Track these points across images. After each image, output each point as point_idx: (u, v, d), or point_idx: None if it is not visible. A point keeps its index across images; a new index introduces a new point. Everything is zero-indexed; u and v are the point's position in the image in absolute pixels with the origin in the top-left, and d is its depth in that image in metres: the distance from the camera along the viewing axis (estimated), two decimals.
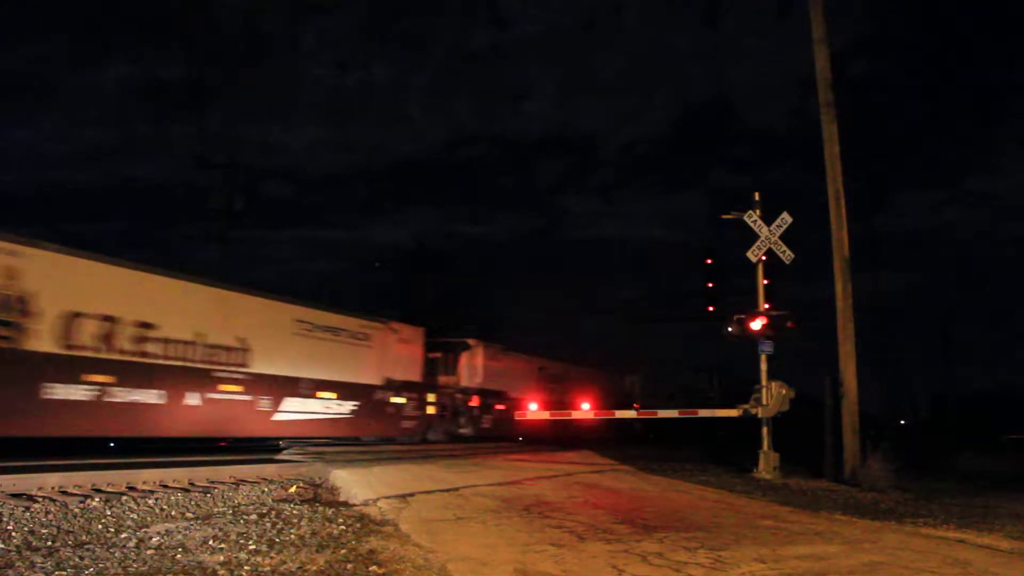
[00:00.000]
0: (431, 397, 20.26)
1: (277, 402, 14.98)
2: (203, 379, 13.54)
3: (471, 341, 22.89)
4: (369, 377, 17.67)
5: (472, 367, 22.75)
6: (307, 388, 15.65)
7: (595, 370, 30.99)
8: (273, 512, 6.97)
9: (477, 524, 6.84)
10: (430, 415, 20.14)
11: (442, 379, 21.65)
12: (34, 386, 10.90)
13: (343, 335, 16.94)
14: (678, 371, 38.92)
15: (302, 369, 15.61)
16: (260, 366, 14.63)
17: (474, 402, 22.47)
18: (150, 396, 12.52)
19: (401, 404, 18.70)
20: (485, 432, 22.58)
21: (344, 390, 16.73)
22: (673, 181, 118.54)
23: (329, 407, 16.25)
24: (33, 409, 10.87)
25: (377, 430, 18.37)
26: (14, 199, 68.34)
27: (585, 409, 22.10)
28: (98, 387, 11.73)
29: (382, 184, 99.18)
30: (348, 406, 16.86)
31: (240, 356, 14.30)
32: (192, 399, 13.27)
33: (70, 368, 11.35)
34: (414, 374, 19.35)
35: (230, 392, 13.99)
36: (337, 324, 16.82)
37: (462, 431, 21.81)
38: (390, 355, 18.44)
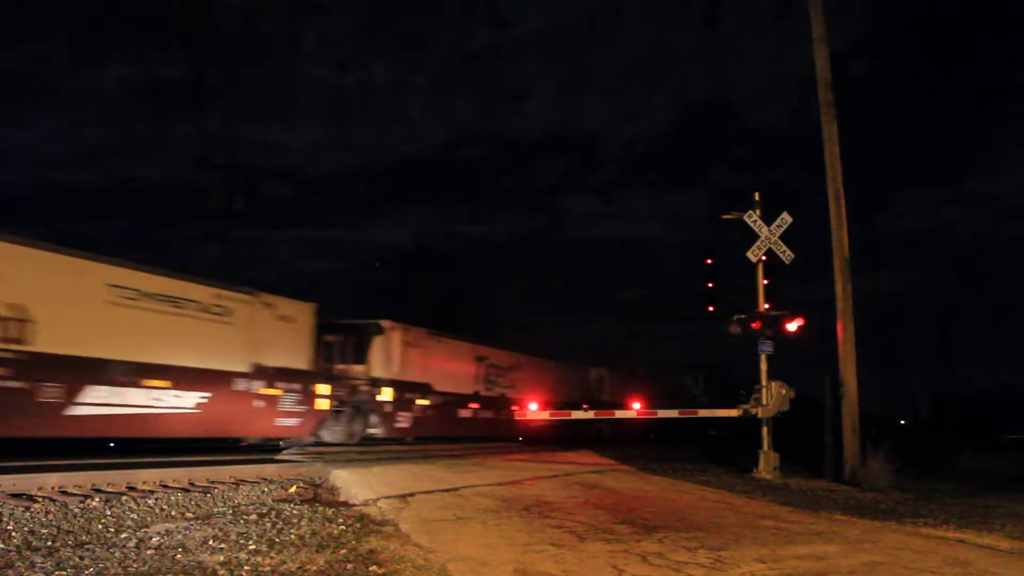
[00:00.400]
0: (323, 389, 16.30)
1: (73, 392, 11.44)
2: None
3: (385, 323, 18.88)
4: (227, 362, 13.92)
5: (387, 354, 18.67)
6: (124, 374, 12.12)
7: (553, 363, 27.59)
8: (273, 512, 6.97)
9: (477, 524, 6.84)
10: (320, 411, 16.15)
11: (345, 368, 18.10)
12: None
13: (189, 308, 13.37)
14: (660, 368, 37.39)
15: (118, 349, 12.11)
16: (45, 343, 11.16)
17: (386, 396, 18.51)
18: None
19: (275, 397, 14.85)
20: (402, 432, 19.04)
21: (185, 377, 13.05)
22: (673, 181, 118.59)
23: (161, 399, 12.67)
24: None
25: (239, 428, 14.65)
26: (14, 199, 68.42)
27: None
28: None
29: (382, 184, 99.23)
30: (191, 398, 13.16)
31: (14, 329, 10.85)
32: None
33: None
34: (298, 360, 15.56)
35: None
36: (179, 293, 13.24)
37: (372, 431, 18.18)
38: (261, 335, 14.68)
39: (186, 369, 13.16)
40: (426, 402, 19.91)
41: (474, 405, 22.15)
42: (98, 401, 11.87)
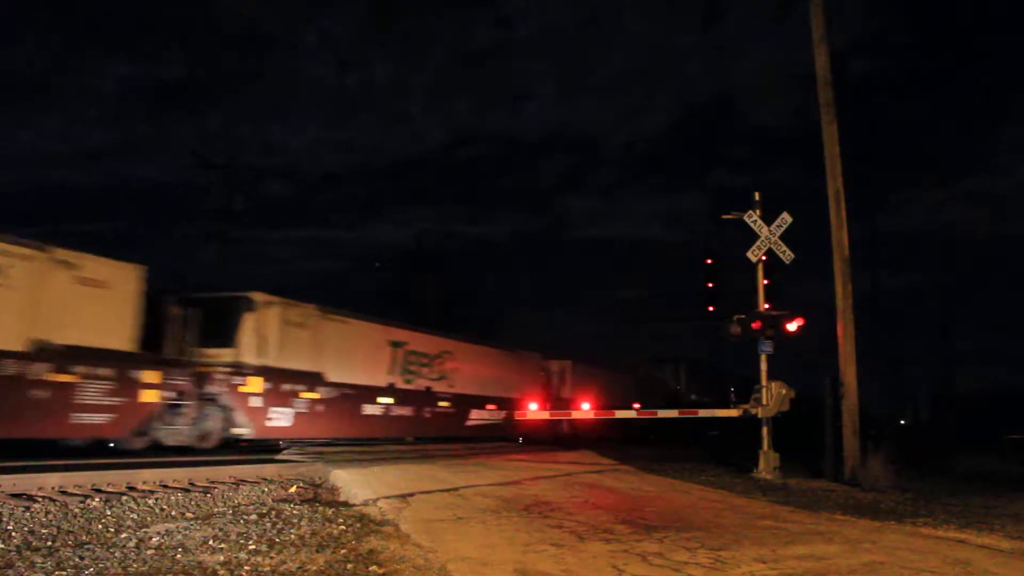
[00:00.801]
0: (152, 377, 12.59)
1: None
2: None
3: (258, 296, 14.75)
4: None
5: (259, 336, 14.64)
6: None
7: (496, 351, 23.00)
8: (273, 512, 6.97)
9: (477, 524, 6.84)
10: (146, 404, 12.47)
11: (198, 352, 13.91)
12: None
13: None
14: (634, 361, 34.36)
15: None
16: None
17: (253, 388, 14.53)
18: None
19: (70, 385, 11.27)
20: (279, 433, 15.29)
21: None
22: (674, 181, 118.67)
23: None
24: None
25: (6, 427, 10.68)
26: (14, 199, 68.42)
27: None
28: None
29: (382, 184, 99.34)
30: None
31: None
32: None
33: None
34: (112, 338, 11.99)
35: None
36: None
37: (238, 431, 14.43)
38: (51, 303, 11.17)
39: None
40: (316, 395, 15.82)
41: (386, 400, 17.82)
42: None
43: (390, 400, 17.91)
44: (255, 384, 14.64)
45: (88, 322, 11.65)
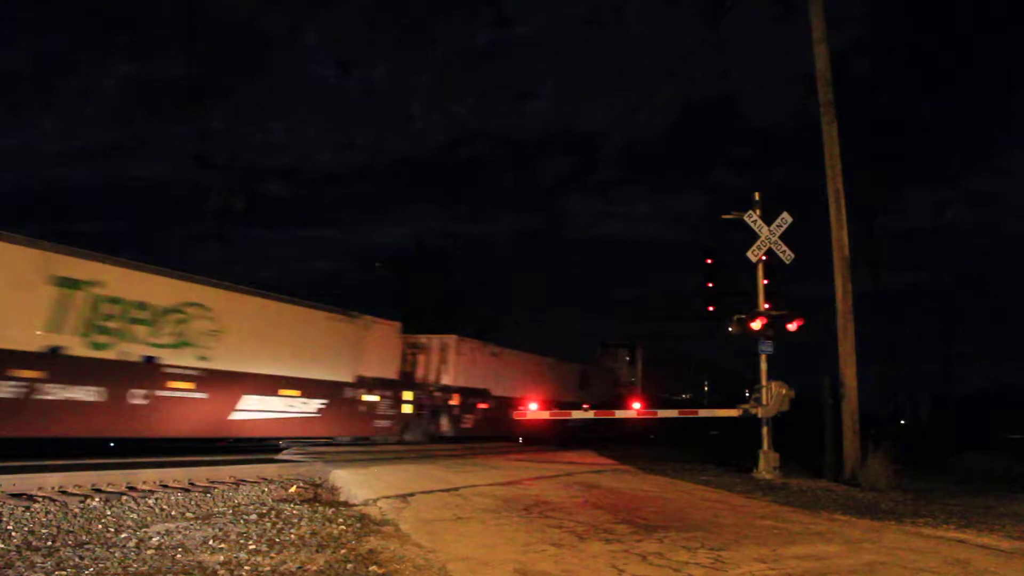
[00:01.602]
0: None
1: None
2: None
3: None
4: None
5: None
6: (268, 385, 14.40)
7: (304, 310, 15.91)
8: (273, 512, 6.97)
9: (477, 524, 6.84)
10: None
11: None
12: None
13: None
14: (582, 346, 31.04)
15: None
16: None
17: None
18: None
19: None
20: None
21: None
22: (674, 180, 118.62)
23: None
24: None
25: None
26: (14, 199, 68.38)
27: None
28: None
29: (383, 184, 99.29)
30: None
31: None
32: None
33: None
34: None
35: None
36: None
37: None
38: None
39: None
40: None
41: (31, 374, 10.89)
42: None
43: (39, 375, 10.73)
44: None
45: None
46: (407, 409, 18.03)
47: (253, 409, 14.06)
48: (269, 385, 14.37)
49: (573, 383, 26.62)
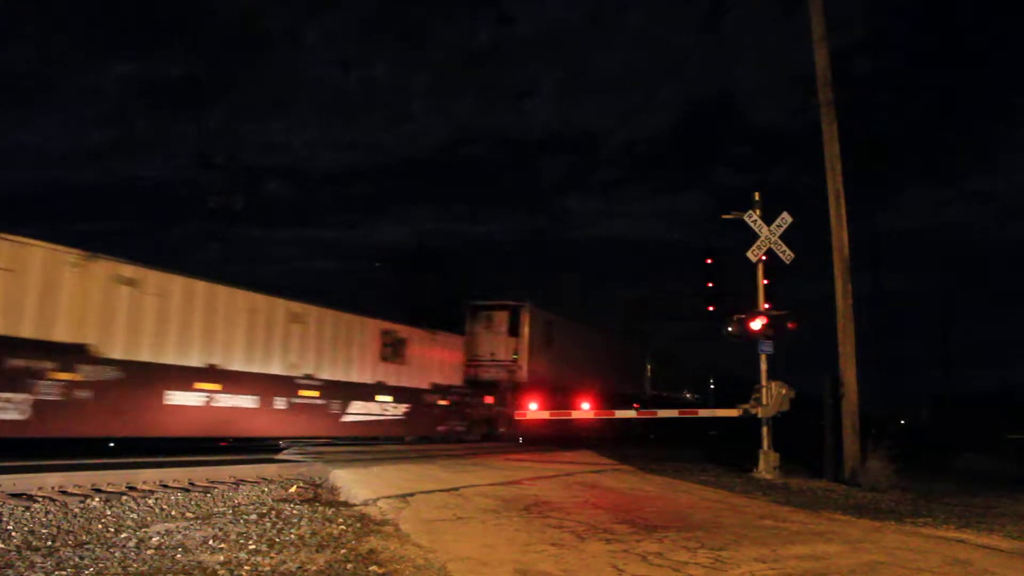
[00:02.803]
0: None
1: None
2: None
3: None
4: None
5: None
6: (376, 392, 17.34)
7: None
8: (273, 512, 6.97)
9: (477, 524, 6.84)
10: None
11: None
12: None
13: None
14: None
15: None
16: None
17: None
18: None
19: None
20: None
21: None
22: (675, 180, 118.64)
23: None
24: None
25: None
26: (14, 199, 68.40)
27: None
28: None
29: (383, 183, 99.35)
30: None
31: None
32: None
33: None
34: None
35: None
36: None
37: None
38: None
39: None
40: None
41: None
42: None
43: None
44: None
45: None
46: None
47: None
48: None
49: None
